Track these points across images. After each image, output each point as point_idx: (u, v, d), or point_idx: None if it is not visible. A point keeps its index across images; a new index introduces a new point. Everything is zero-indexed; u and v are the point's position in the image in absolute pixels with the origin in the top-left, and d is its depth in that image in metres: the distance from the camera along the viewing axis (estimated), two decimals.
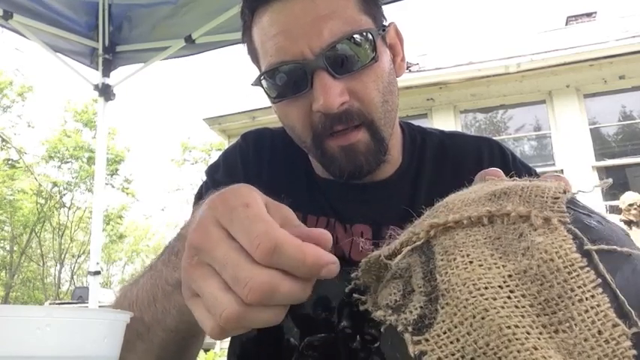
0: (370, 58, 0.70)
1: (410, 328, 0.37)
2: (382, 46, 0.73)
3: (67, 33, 2.74)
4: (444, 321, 0.36)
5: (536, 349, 0.32)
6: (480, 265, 0.36)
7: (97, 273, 2.68)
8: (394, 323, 0.38)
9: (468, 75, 7.52)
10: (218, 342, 8.37)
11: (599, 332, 0.32)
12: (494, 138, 0.92)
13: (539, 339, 0.33)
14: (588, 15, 11.70)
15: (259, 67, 0.76)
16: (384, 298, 0.41)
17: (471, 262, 0.36)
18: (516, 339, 0.32)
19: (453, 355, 0.34)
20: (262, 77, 0.73)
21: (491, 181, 0.45)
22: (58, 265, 19.32)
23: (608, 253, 0.36)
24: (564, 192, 0.40)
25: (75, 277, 19.86)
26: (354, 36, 0.68)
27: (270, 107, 0.80)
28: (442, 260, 0.38)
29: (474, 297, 0.35)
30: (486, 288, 0.35)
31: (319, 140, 0.72)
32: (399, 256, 0.41)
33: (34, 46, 2.70)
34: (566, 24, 11.58)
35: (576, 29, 9.94)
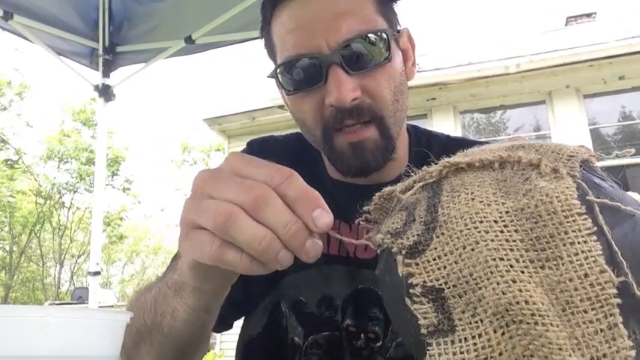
0: (384, 57, 0.72)
1: (404, 252, 0.39)
2: (395, 48, 0.76)
3: (67, 33, 2.73)
4: (435, 249, 0.37)
5: (514, 281, 0.33)
6: (481, 202, 0.37)
7: (97, 273, 2.68)
8: (390, 245, 0.40)
9: (468, 75, 7.53)
10: (218, 342, 8.38)
11: (586, 275, 0.33)
12: (495, 138, 0.93)
13: (522, 272, 0.34)
14: (588, 15, 11.71)
15: (275, 62, 0.79)
16: (387, 226, 0.42)
17: (473, 199, 0.38)
18: (498, 271, 0.34)
19: (437, 280, 0.36)
20: (278, 69, 0.75)
21: (517, 140, 0.46)
22: (58, 265, 19.31)
23: (611, 208, 0.36)
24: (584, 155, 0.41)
25: (75, 277, 19.86)
26: (370, 35, 0.71)
27: (269, 108, 0.82)
28: (447, 196, 0.39)
29: (468, 229, 0.36)
30: (481, 222, 0.36)
31: (329, 134, 0.74)
32: (411, 191, 0.42)
33: (33, 47, 2.70)
34: (566, 24, 11.59)
35: (576, 30, 9.95)
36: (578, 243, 0.34)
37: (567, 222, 0.35)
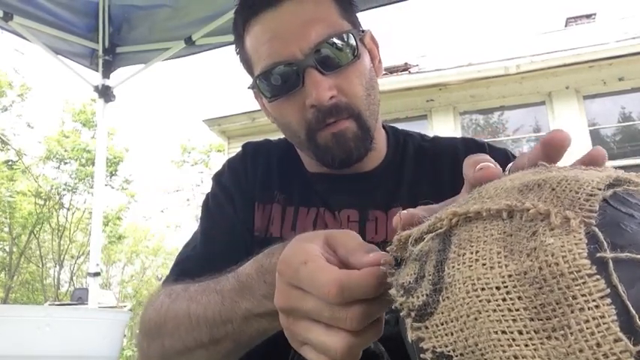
0: (353, 56, 0.78)
1: (413, 314, 0.38)
2: (362, 47, 0.82)
3: (67, 34, 2.73)
4: (442, 313, 0.36)
5: (516, 357, 0.32)
6: (484, 264, 0.36)
7: (97, 274, 2.67)
8: (398, 307, 0.39)
9: (468, 76, 7.54)
10: None
11: (598, 345, 0.30)
12: (494, 139, 0.95)
13: (527, 345, 0.32)
14: (588, 16, 11.73)
15: (252, 74, 0.84)
16: (402, 277, 0.42)
17: (477, 260, 0.36)
18: (500, 345, 0.32)
19: (446, 346, 0.35)
20: (258, 79, 0.80)
21: (541, 167, 0.43)
22: (58, 266, 19.31)
23: (631, 261, 0.33)
24: (614, 184, 0.37)
25: (74, 278, 19.85)
26: (338, 37, 0.77)
27: None
28: (454, 253, 0.38)
29: (470, 297, 0.35)
30: (483, 289, 0.35)
31: (313, 134, 0.79)
32: (422, 243, 0.41)
33: (33, 47, 2.70)
34: (566, 25, 11.60)
35: (576, 30, 9.96)
36: (589, 308, 0.31)
37: (576, 285, 0.31)
